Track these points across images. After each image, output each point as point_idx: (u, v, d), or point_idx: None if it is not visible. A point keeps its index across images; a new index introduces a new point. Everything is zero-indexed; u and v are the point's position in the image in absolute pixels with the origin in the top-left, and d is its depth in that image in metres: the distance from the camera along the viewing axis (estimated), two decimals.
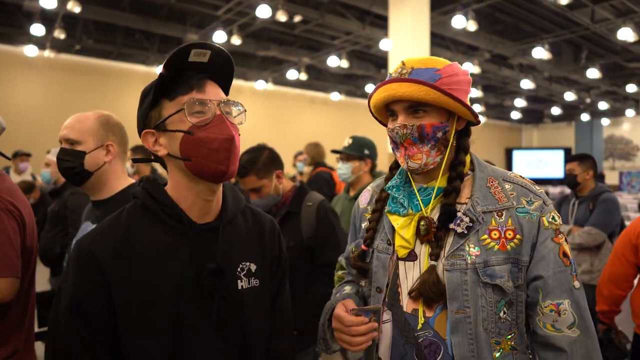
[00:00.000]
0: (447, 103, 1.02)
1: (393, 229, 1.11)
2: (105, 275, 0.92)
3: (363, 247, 1.16)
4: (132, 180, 1.60)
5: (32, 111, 11.32)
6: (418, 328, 1.04)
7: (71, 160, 1.49)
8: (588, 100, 17.42)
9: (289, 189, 2.18)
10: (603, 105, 17.69)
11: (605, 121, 21.26)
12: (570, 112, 20.54)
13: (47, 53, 10.96)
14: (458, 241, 1.03)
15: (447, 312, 1.02)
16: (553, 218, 1.05)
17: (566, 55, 11.98)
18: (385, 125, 1.15)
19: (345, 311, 1.06)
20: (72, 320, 0.92)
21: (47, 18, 8.97)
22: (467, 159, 1.12)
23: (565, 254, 1.03)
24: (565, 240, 1.05)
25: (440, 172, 1.09)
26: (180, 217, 0.98)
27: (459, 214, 1.04)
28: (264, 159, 2.05)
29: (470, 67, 11.38)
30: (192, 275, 0.97)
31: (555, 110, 19.05)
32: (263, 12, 7.86)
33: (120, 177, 1.57)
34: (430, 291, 1.01)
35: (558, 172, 21.78)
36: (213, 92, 0.98)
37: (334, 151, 2.95)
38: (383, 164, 4.13)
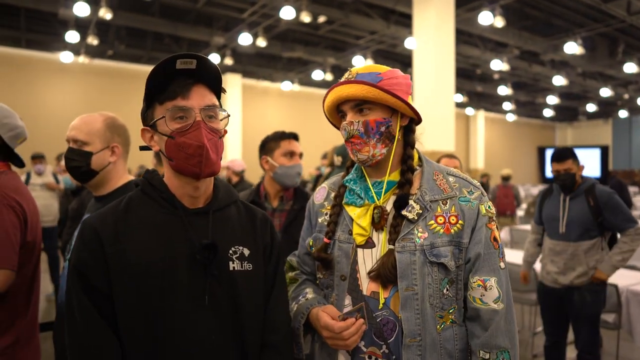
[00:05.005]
0: (387, 100, 1.15)
1: (352, 220, 1.21)
2: (104, 247, 1.02)
3: (325, 240, 1.24)
4: (132, 177, 1.68)
5: (67, 115, 11.71)
6: (379, 308, 1.15)
7: (78, 160, 1.57)
8: (626, 96, 16.71)
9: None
10: None
11: None
12: (607, 109, 19.76)
13: (82, 59, 11.37)
14: (409, 226, 1.15)
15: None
16: (489, 207, 1.20)
17: (601, 49, 11.54)
18: (339, 129, 1.28)
19: (331, 319, 1.14)
20: (74, 284, 1.02)
21: (81, 25, 9.32)
22: (415, 154, 1.25)
23: (495, 239, 1.18)
24: (497, 227, 1.20)
25: (389, 164, 1.21)
26: (173, 202, 1.09)
27: (410, 202, 1.16)
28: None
29: (499, 64, 11.12)
30: (185, 250, 1.04)
31: (591, 107, 18.36)
32: (287, 13, 7.92)
33: (122, 175, 1.66)
34: (389, 272, 1.12)
35: (594, 171, 21.01)
36: (198, 97, 1.06)
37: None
38: None
